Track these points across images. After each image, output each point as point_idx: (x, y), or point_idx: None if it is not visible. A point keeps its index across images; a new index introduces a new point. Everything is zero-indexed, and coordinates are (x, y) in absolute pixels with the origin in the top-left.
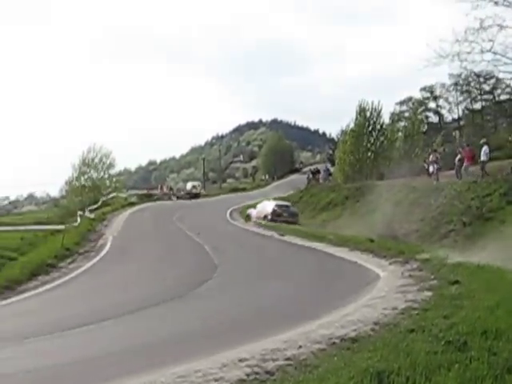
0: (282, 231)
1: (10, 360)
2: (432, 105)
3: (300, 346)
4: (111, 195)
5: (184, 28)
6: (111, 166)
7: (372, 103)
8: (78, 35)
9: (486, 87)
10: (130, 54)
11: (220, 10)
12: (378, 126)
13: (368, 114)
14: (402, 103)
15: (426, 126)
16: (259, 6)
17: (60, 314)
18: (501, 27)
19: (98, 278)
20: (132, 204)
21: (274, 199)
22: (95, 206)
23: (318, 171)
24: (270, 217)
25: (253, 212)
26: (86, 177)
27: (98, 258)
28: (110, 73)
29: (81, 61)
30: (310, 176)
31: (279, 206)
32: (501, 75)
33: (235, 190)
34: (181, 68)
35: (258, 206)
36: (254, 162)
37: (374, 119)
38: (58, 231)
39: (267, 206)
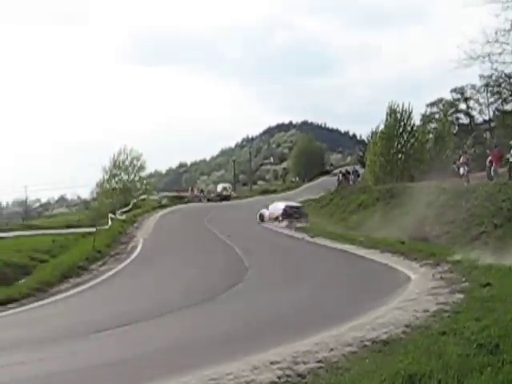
0: (312, 233)
1: (44, 362)
2: (462, 106)
3: (331, 349)
4: (142, 197)
5: (211, 28)
6: (142, 168)
7: (402, 105)
8: (104, 36)
9: None
10: (155, 56)
11: (247, 10)
12: (409, 128)
13: (398, 115)
14: (432, 105)
15: (456, 128)
16: (288, 6)
17: (93, 315)
18: None
19: (128, 280)
20: (162, 206)
21: (303, 202)
22: (126, 209)
23: (348, 173)
24: (280, 217)
25: (266, 212)
26: (116, 179)
27: (128, 260)
28: (138, 75)
29: (106, 62)
30: (341, 178)
31: (290, 207)
32: None
33: (265, 192)
34: (208, 70)
35: (270, 207)
36: (284, 164)
37: (405, 121)
38: (89, 233)
39: (278, 207)
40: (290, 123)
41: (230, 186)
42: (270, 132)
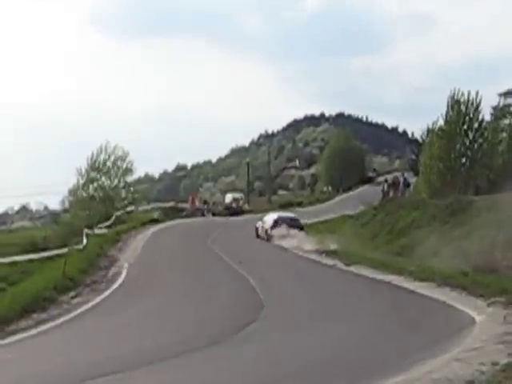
0: (348, 259)
1: None
2: None
3: None
4: (128, 209)
5: None
6: (128, 171)
7: (468, 94)
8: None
9: None
10: (146, 25)
11: None
12: (476, 124)
13: (463, 108)
14: (506, 95)
15: None
16: None
17: (59, 364)
18: None
19: (109, 317)
20: (155, 221)
21: (337, 219)
22: (107, 224)
23: (396, 182)
24: (270, 231)
25: (260, 225)
26: (95, 185)
27: (109, 291)
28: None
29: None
30: (386, 188)
31: (282, 219)
32: None
33: (288, 204)
34: (221, 47)
35: (264, 218)
36: (313, 169)
37: (471, 115)
38: (59, 256)
39: (270, 218)
40: (322, 116)
41: (242, 197)
42: (295, 127)
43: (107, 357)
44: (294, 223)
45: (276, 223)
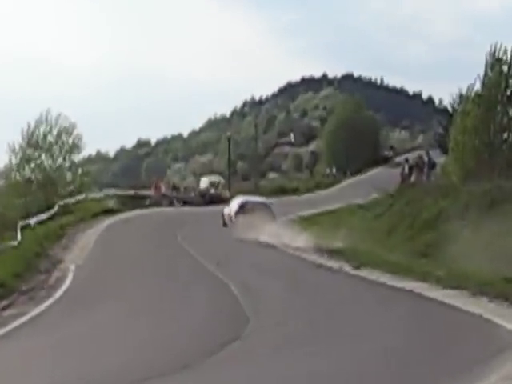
0: (357, 261)
1: None
2: None
3: None
4: (75, 198)
5: None
6: (76, 148)
7: None
8: None
9: None
10: None
11: None
12: None
13: (505, 68)
14: None
15: None
16: None
17: None
18: None
19: (51, 333)
20: (109, 212)
21: (342, 209)
22: (48, 215)
23: (421, 163)
24: (234, 216)
25: (225, 211)
26: (33, 165)
27: (51, 300)
28: None
29: None
30: (407, 170)
31: (249, 204)
32: None
33: (281, 190)
34: None
35: (231, 203)
36: (312, 146)
37: None
38: None
39: (235, 203)
40: (325, 77)
41: (220, 181)
42: (289, 92)
43: None
44: (262, 208)
45: (241, 208)
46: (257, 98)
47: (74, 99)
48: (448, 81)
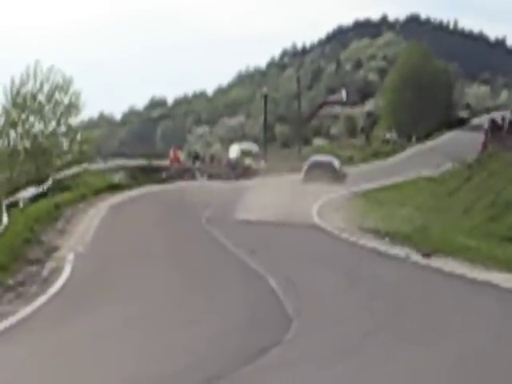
0: (427, 247)
1: None
2: None
3: None
4: (73, 170)
5: None
6: (73, 109)
7: None
8: None
9: None
10: None
11: None
12: None
13: None
14: None
15: None
16: None
17: None
18: None
19: (42, 341)
20: (116, 188)
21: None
22: (40, 191)
23: (501, 123)
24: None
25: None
26: (20, 130)
27: (43, 298)
28: None
29: None
30: (489, 134)
31: (315, 166)
32: None
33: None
34: None
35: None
36: (369, 106)
37: None
38: None
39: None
40: (383, 20)
41: (255, 151)
42: (340, 38)
43: None
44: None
45: (308, 171)
46: (299, 47)
47: (70, 48)
48: None
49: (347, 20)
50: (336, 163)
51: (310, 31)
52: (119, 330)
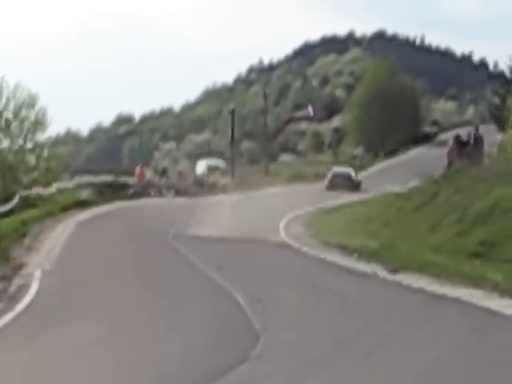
0: (394, 264)
1: None
2: None
3: None
4: (40, 186)
5: None
6: (39, 125)
7: None
8: None
9: None
10: None
11: None
12: None
13: None
14: None
15: None
16: None
17: None
18: None
19: (13, 355)
20: (83, 205)
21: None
22: (7, 208)
23: (467, 140)
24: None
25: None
26: None
27: (10, 315)
28: None
29: None
30: (454, 151)
31: (337, 176)
32: None
33: (297, 176)
34: None
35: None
36: (335, 121)
37: None
38: None
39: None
40: (350, 37)
41: (222, 166)
42: (307, 54)
43: None
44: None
45: (331, 179)
46: (266, 63)
47: (36, 65)
48: (506, 39)
49: (314, 36)
50: (353, 174)
51: (277, 47)
52: (85, 348)
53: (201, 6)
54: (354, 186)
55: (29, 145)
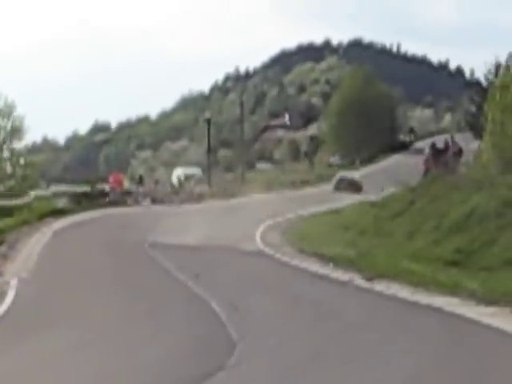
0: (370, 271)
1: None
2: None
3: None
4: (16, 195)
5: None
6: (17, 133)
7: None
8: None
9: None
10: None
11: None
12: None
13: None
14: None
15: None
16: None
17: None
18: None
19: None
20: (60, 213)
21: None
22: None
23: (444, 148)
24: (332, 189)
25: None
26: None
27: None
28: None
29: None
30: (431, 158)
31: (343, 179)
32: None
33: (273, 184)
34: None
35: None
36: (312, 129)
37: None
38: None
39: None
40: (327, 45)
41: (199, 174)
42: (283, 63)
43: None
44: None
45: (338, 182)
46: (242, 71)
47: (12, 73)
48: (481, 47)
49: (290, 44)
50: (356, 178)
51: (254, 55)
52: (59, 357)
53: (177, 15)
54: (356, 187)
55: (5, 153)
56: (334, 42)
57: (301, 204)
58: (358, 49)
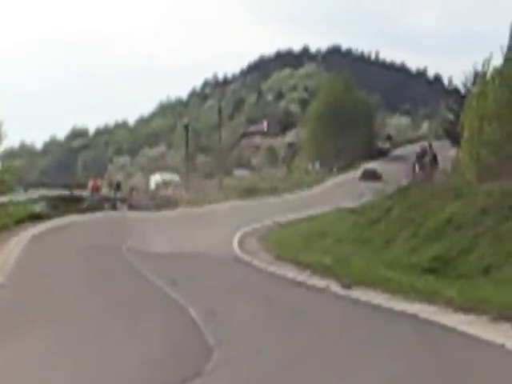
0: (348, 278)
1: None
2: None
3: None
4: None
5: None
6: None
7: None
8: None
9: None
10: None
11: None
12: None
13: None
14: None
15: None
16: None
17: None
18: None
19: None
20: (37, 218)
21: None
22: None
23: (422, 155)
24: (358, 180)
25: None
26: None
27: None
28: None
29: None
30: (416, 165)
31: (367, 171)
32: None
33: (251, 190)
34: None
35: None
36: (290, 136)
37: None
38: None
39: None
40: (305, 52)
41: (176, 180)
42: (261, 69)
43: None
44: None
45: (363, 174)
46: (221, 77)
47: None
48: (460, 55)
49: (269, 51)
50: (377, 170)
51: (232, 62)
52: (33, 364)
53: (155, 21)
54: (377, 177)
55: None
56: (313, 48)
57: (279, 210)
58: (336, 56)
